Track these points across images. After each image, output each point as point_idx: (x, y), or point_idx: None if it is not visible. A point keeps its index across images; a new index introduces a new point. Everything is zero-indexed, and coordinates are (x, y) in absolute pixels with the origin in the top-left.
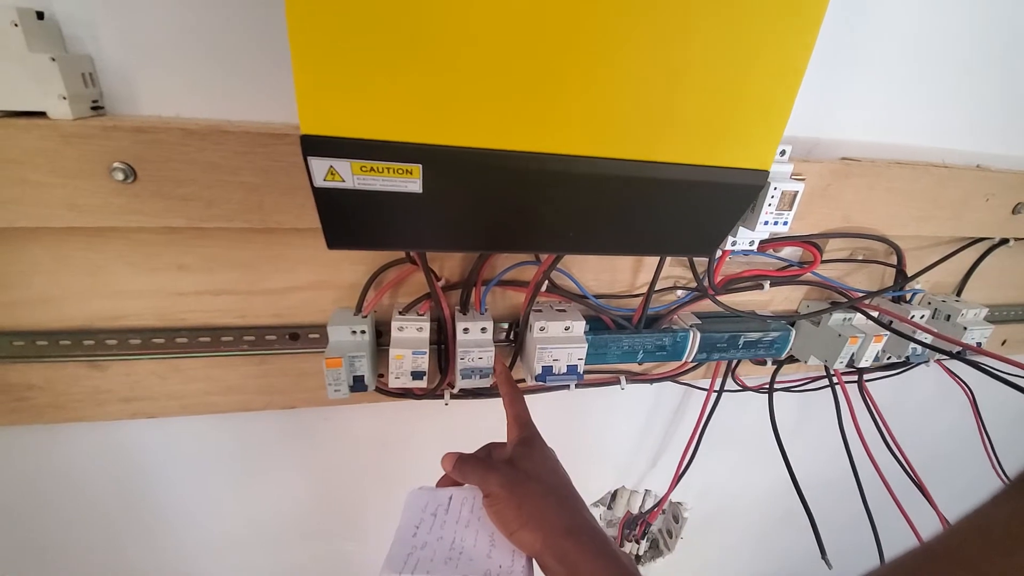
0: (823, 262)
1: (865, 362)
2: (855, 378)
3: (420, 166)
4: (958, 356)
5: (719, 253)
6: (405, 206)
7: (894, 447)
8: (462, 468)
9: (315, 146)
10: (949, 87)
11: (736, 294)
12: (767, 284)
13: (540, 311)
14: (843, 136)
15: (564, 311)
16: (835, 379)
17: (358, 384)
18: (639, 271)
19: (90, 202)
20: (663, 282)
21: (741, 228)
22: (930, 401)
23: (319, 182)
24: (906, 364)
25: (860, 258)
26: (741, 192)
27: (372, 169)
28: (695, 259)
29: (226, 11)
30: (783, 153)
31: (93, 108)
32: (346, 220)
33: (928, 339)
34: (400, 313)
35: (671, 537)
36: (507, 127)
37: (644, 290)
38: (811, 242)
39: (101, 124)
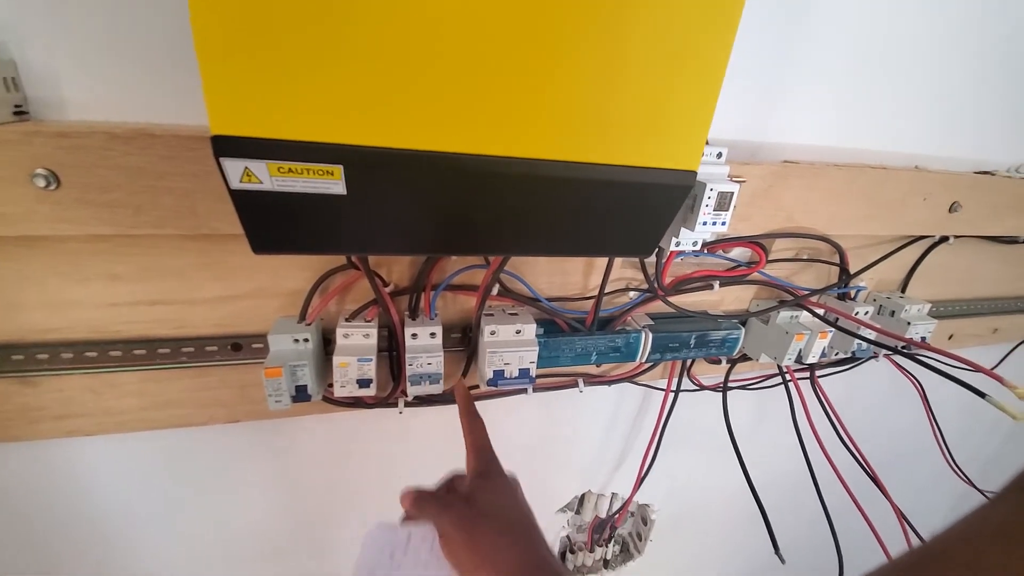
0: (770, 262)
1: (812, 358)
2: (807, 375)
3: (341, 167)
4: (902, 352)
5: (665, 254)
6: (330, 208)
7: (848, 442)
8: (419, 505)
9: (228, 147)
10: (888, 93)
11: (688, 295)
12: (717, 284)
13: (492, 315)
14: (786, 140)
15: (516, 314)
16: (787, 376)
17: (301, 394)
18: (591, 273)
19: (13, 210)
20: (616, 284)
21: (683, 229)
22: (884, 396)
23: (235, 184)
24: (854, 360)
25: (805, 257)
26: (671, 192)
27: (290, 170)
28: (646, 260)
29: (154, 15)
30: (719, 155)
31: (16, 113)
32: (268, 223)
33: (872, 335)
34: (346, 320)
35: (640, 540)
36: (432, 128)
37: (596, 292)
38: (756, 242)
39: (22, 129)
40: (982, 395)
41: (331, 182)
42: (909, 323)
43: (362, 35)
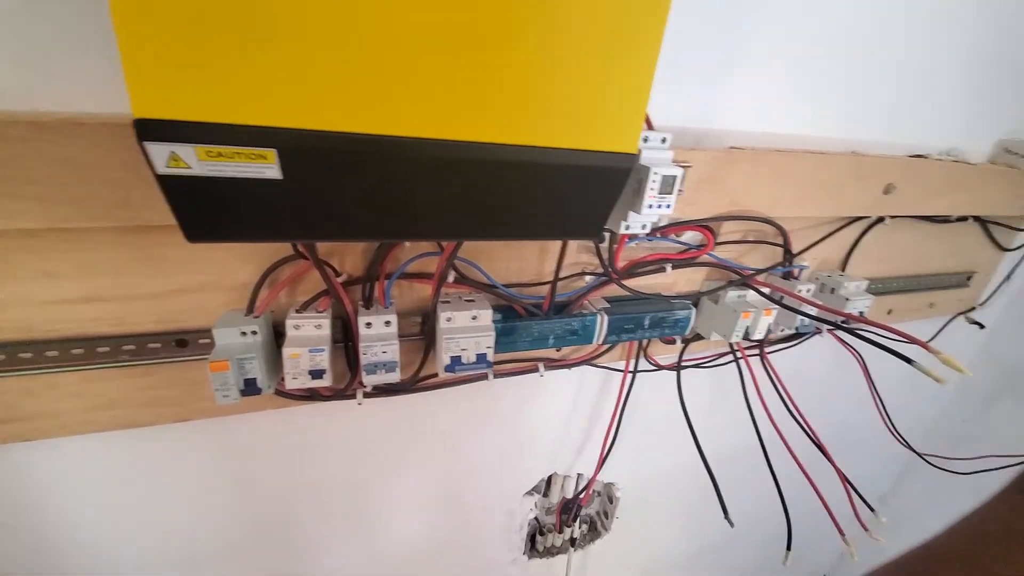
0: (719, 244)
1: (759, 334)
2: (757, 352)
3: (275, 151)
4: (842, 326)
5: (617, 238)
6: (266, 193)
7: (796, 414)
8: None
9: (152, 131)
10: (829, 82)
11: (642, 278)
12: (669, 267)
13: (448, 302)
14: (731, 127)
15: (472, 301)
16: (738, 353)
17: (250, 387)
18: (546, 259)
19: None
20: (572, 269)
21: (631, 213)
22: (830, 370)
23: (161, 169)
24: (799, 336)
25: (751, 239)
26: (612, 175)
27: (220, 154)
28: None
29: None
30: (664, 141)
31: None
32: (201, 210)
33: (813, 311)
34: (297, 311)
35: (607, 518)
36: (367, 110)
37: (552, 277)
38: (704, 226)
39: None
40: (909, 361)
41: (264, 166)
42: (848, 299)
43: (291, 13)
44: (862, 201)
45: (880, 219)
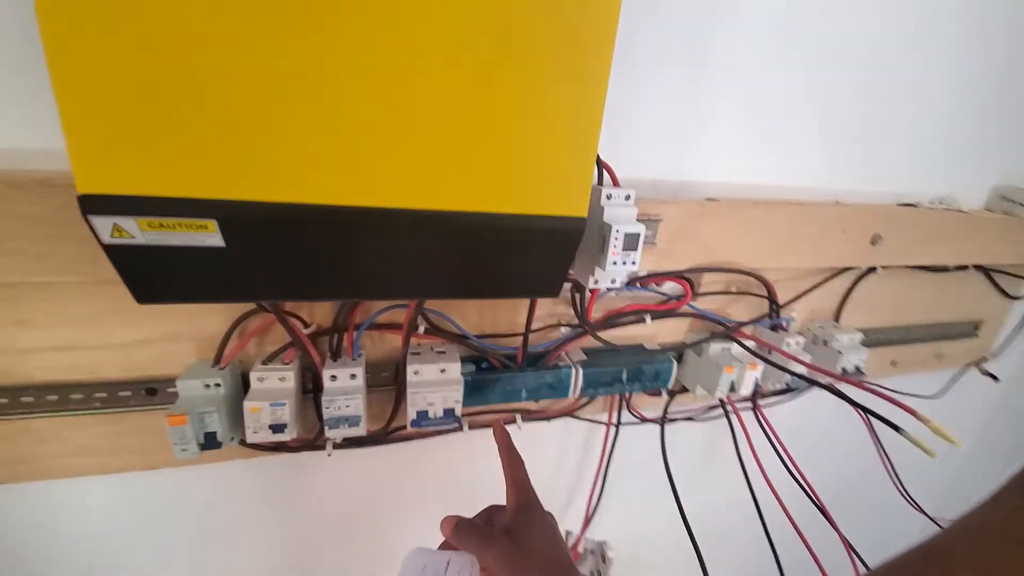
0: (701, 295)
1: (746, 390)
2: (750, 405)
3: (215, 221)
4: (829, 388)
5: (587, 292)
6: (210, 259)
7: (795, 472)
8: (460, 535)
9: (95, 205)
10: (805, 130)
11: (621, 328)
12: (648, 318)
13: (418, 353)
14: (710, 178)
15: (443, 352)
16: (729, 407)
17: (210, 441)
18: (520, 309)
19: None
20: (548, 319)
21: (596, 267)
22: (833, 424)
23: (106, 239)
24: (790, 390)
25: (734, 290)
26: (562, 238)
27: (161, 225)
28: (575, 296)
29: None
30: (628, 197)
31: None
32: (147, 275)
33: (801, 369)
34: (263, 363)
35: None
36: (303, 181)
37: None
38: (683, 277)
39: None
40: (897, 429)
41: (206, 235)
42: (840, 352)
43: (219, 94)
44: (848, 252)
45: (871, 269)
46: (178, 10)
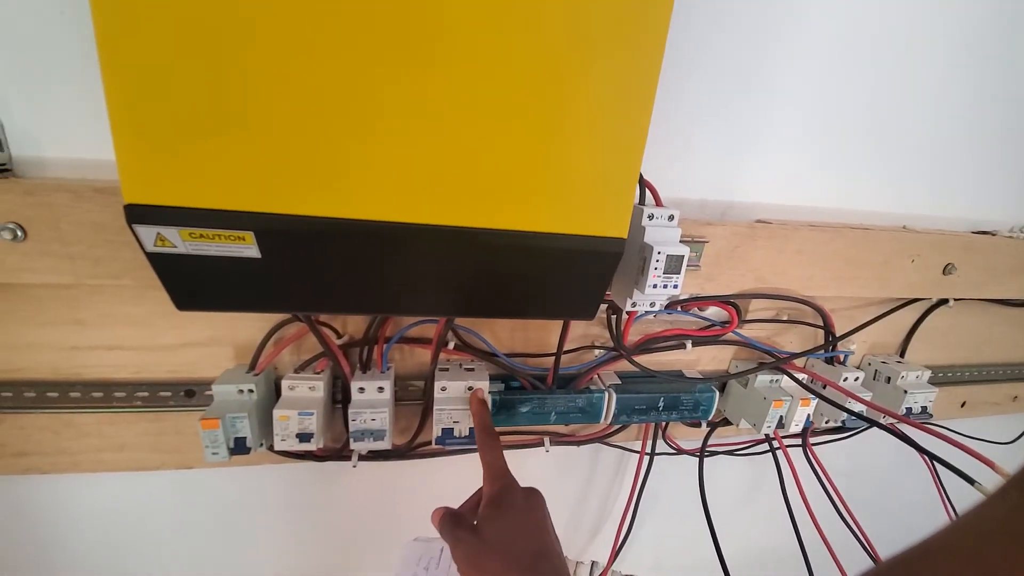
0: (749, 322)
1: (796, 426)
2: (799, 442)
3: (252, 233)
4: (891, 429)
5: (624, 315)
6: (247, 269)
7: (848, 517)
8: (441, 528)
9: (140, 215)
10: (869, 147)
11: (659, 353)
12: (689, 344)
13: (447, 370)
14: (760, 199)
15: (472, 370)
16: (775, 443)
17: (239, 447)
18: (553, 329)
19: None
20: (582, 340)
21: (635, 290)
22: (892, 466)
23: (150, 248)
24: (846, 428)
25: (785, 318)
26: (600, 259)
27: (202, 235)
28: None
29: None
30: (671, 218)
31: (0, 171)
32: (188, 283)
33: (860, 408)
34: (296, 371)
35: None
36: (339, 196)
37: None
38: (729, 302)
39: None
40: (970, 481)
41: (243, 246)
42: (906, 391)
43: (265, 110)
44: (917, 282)
45: (943, 301)
46: (232, 20)
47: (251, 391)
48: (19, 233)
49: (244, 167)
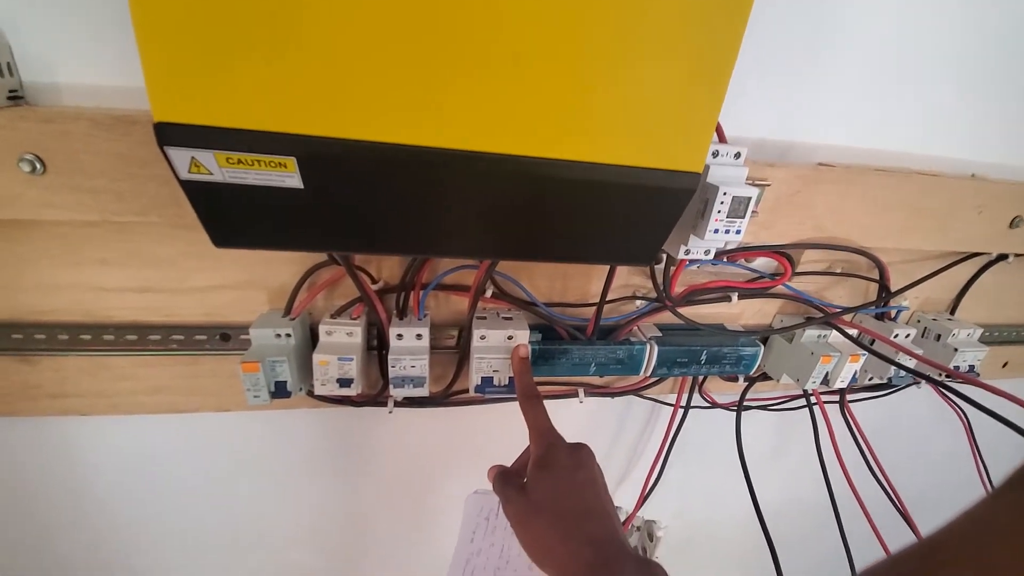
0: (798, 274)
1: (841, 383)
2: (837, 398)
3: (294, 159)
4: (941, 383)
5: (675, 263)
6: (288, 202)
7: (880, 475)
8: (493, 486)
9: (172, 135)
10: (940, 89)
11: (702, 306)
12: (735, 296)
13: (484, 318)
14: (822, 140)
15: (511, 319)
16: (813, 399)
17: (280, 390)
18: (593, 279)
19: (2, 194)
20: (622, 291)
21: (692, 236)
22: (924, 426)
23: (184, 175)
24: (890, 386)
25: (839, 271)
26: (671, 196)
27: (240, 161)
28: (656, 266)
29: None
30: (738, 156)
31: (11, 98)
32: (225, 216)
33: (911, 362)
34: (332, 316)
35: (645, 555)
36: (394, 118)
37: (599, 299)
38: (782, 252)
39: (11, 114)
40: None
41: (285, 175)
42: (956, 349)
43: (314, 16)
44: (980, 234)
45: (1002, 256)
46: None
47: (288, 335)
48: (37, 166)
49: (289, 82)
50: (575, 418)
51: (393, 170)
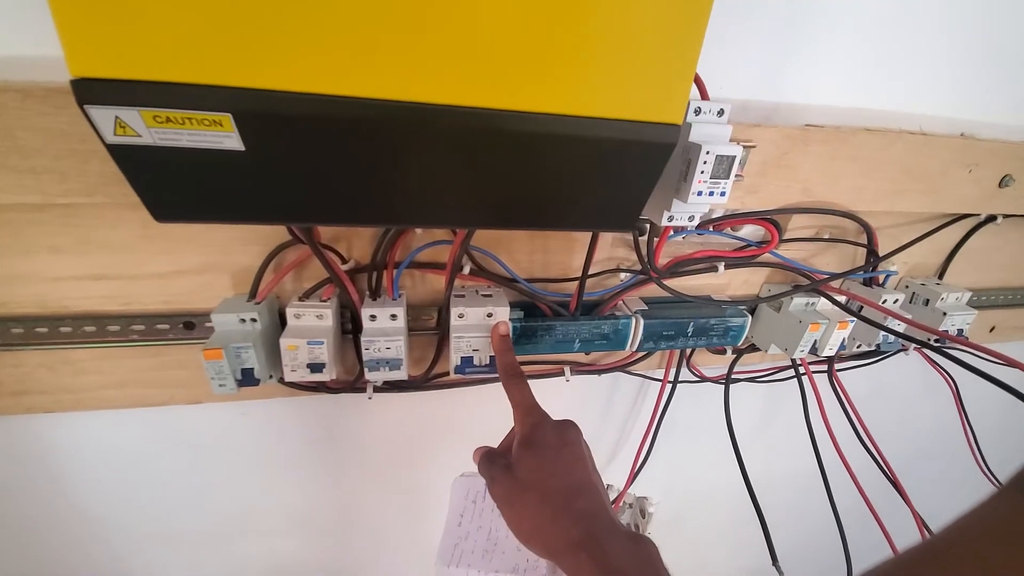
0: (785, 241)
1: (829, 350)
2: (825, 368)
3: (230, 116)
4: (933, 347)
5: (659, 231)
6: (231, 167)
7: (868, 443)
8: (479, 467)
9: (91, 92)
10: (929, 47)
11: (689, 277)
12: (721, 266)
13: (462, 296)
14: (808, 100)
15: (490, 296)
16: (801, 369)
17: (247, 378)
18: (575, 251)
19: None
20: (606, 264)
21: (676, 201)
22: (912, 393)
23: (110, 138)
24: (879, 353)
25: (827, 237)
26: (650, 151)
27: (169, 119)
28: (639, 238)
29: None
30: (720, 113)
31: None
32: (162, 185)
33: (900, 327)
34: (300, 299)
35: (637, 531)
36: (346, 66)
37: (581, 273)
38: (768, 219)
39: None
40: (1022, 397)
41: (222, 134)
42: (945, 313)
43: None
44: (971, 195)
45: (991, 218)
46: None
47: (254, 320)
48: None
49: (215, 24)
50: (561, 398)
51: (341, 126)
